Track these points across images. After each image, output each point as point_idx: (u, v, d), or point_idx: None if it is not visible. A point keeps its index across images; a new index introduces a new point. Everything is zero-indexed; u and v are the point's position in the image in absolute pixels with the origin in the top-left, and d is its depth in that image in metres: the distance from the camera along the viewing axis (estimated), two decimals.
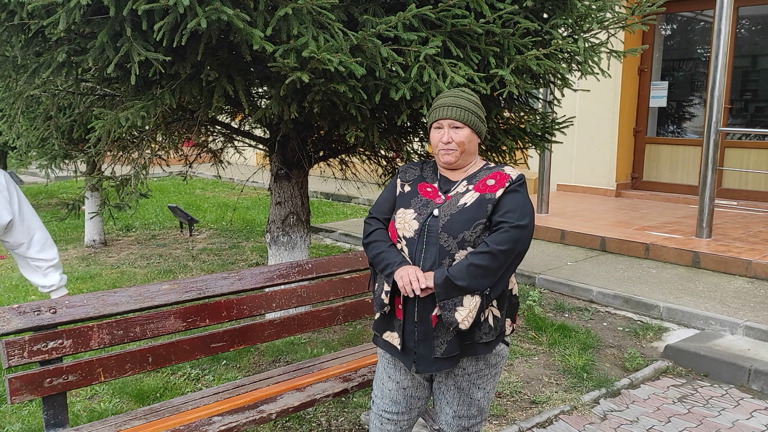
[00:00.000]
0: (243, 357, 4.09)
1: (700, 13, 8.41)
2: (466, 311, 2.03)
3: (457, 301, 2.03)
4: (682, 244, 5.96)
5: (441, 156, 2.20)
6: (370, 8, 3.18)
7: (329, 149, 4.67)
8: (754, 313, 4.55)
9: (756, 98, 7.98)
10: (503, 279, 2.07)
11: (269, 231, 4.43)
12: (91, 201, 6.89)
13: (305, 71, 2.74)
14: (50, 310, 2.31)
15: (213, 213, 9.36)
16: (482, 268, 2.00)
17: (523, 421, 3.30)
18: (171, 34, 2.67)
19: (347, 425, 3.28)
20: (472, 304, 2.03)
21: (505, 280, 2.08)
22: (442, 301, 2.03)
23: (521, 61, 3.19)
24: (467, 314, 2.03)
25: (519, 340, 4.43)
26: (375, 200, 2.27)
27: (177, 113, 4.23)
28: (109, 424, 2.43)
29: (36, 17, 2.81)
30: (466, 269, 2.01)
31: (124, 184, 4.46)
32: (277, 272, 2.90)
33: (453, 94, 2.20)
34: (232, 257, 6.69)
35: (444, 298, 2.03)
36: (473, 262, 2.01)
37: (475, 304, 2.03)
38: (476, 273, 2.00)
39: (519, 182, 2.15)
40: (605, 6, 3.65)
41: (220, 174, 13.19)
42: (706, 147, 6.11)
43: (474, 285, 2.01)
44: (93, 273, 6.02)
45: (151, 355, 2.54)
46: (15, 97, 4.07)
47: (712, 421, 3.37)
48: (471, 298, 2.03)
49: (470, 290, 2.02)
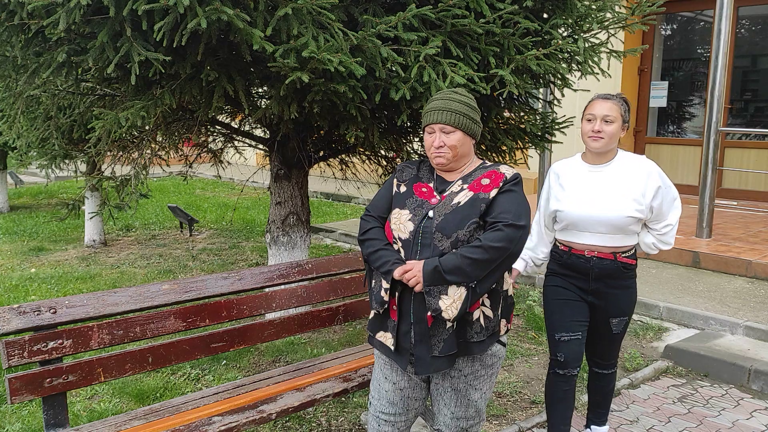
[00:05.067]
0: (243, 357, 4.09)
1: (700, 13, 8.41)
2: (450, 300, 2.03)
3: (443, 289, 2.04)
4: (682, 244, 5.96)
5: (434, 159, 2.20)
6: (370, 8, 3.18)
7: (329, 149, 4.67)
8: (754, 313, 4.55)
9: (756, 98, 7.98)
10: (492, 276, 2.06)
11: (269, 231, 4.43)
12: (91, 201, 6.89)
13: (305, 71, 2.74)
14: (50, 310, 2.31)
15: (213, 213, 9.36)
16: (471, 260, 2.00)
17: (523, 421, 3.30)
18: (171, 34, 2.67)
19: (347, 425, 3.28)
20: (456, 295, 2.03)
21: (494, 278, 2.08)
22: (427, 286, 2.04)
23: (521, 61, 3.19)
24: (451, 303, 2.03)
25: (519, 340, 4.43)
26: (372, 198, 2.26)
27: (177, 113, 4.23)
28: (109, 424, 2.43)
29: (36, 17, 2.81)
30: (455, 258, 2.02)
31: (124, 184, 4.46)
32: (277, 272, 2.90)
33: (444, 97, 2.18)
34: (232, 257, 6.69)
35: (429, 284, 2.03)
36: (463, 254, 2.02)
37: (460, 295, 2.03)
38: (464, 263, 2.00)
39: (514, 181, 2.14)
40: (605, 6, 3.65)
41: (220, 174, 13.19)
42: (706, 147, 6.11)
43: (460, 275, 2.01)
44: (93, 273, 6.02)
45: (151, 355, 2.54)
46: (15, 97, 4.07)
47: (712, 421, 3.37)
48: (456, 289, 2.03)
49: (456, 281, 2.02)
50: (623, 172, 2.65)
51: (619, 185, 2.63)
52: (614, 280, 2.71)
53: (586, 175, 2.71)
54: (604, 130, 2.59)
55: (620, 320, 2.78)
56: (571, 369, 2.75)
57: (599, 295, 2.73)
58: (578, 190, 2.69)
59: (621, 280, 2.72)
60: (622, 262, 2.69)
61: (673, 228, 2.74)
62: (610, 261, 2.68)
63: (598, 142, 2.61)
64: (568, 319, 2.75)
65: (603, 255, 2.68)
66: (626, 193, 2.61)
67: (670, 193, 2.69)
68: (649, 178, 2.63)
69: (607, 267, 2.68)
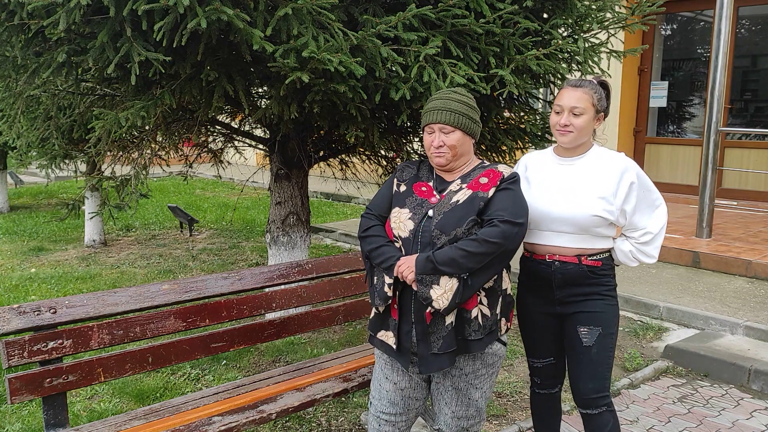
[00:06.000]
0: (243, 357, 4.09)
1: (700, 13, 8.41)
2: (441, 290, 2.04)
3: (434, 279, 2.04)
4: (682, 244, 5.96)
5: (433, 158, 2.21)
6: (370, 8, 3.18)
7: (329, 149, 4.67)
8: (754, 313, 4.55)
9: (756, 98, 7.98)
10: (485, 272, 2.07)
11: (269, 231, 4.43)
12: (91, 201, 6.89)
13: (305, 71, 2.74)
14: (50, 310, 2.31)
15: (213, 213, 9.36)
16: (465, 251, 2.01)
17: (523, 421, 3.30)
18: (171, 34, 2.67)
19: (347, 425, 3.28)
20: (448, 286, 2.03)
21: (488, 274, 2.08)
22: (419, 275, 2.04)
23: (521, 61, 3.20)
24: (442, 294, 2.03)
25: (519, 340, 4.43)
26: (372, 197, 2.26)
27: (177, 113, 4.22)
28: (109, 424, 2.43)
29: (36, 17, 2.81)
30: (449, 249, 2.03)
31: (124, 184, 4.46)
32: (277, 272, 2.90)
33: (443, 97, 2.19)
34: (232, 257, 6.69)
35: (421, 273, 2.04)
36: (458, 246, 2.03)
37: (452, 286, 2.03)
38: (457, 255, 2.01)
39: (511, 180, 2.15)
40: (605, 6, 3.65)
41: (220, 174, 13.19)
42: (706, 147, 6.11)
43: (453, 266, 2.01)
44: (93, 273, 6.02)
45: (151, 355, 2.54)
46: (15, 97, 4.07)
47: (712, 421, 3.37)
48: (448, 280, 2.04)
49: (449, 272, 2.02)
50: (595, 168, 2.35)
51: (587, 181, 2.33)
52: (581, 287, 2.35)
53: (553, 168, 2.42)
54: (573, 123, 2.29)
55: (590, 330, 2.35)
56: (549, 389, 2.59)
57: (566, 305, 2.40)
58: (543, 184, 2.40)
59: (589, 287, 2.35)
60: (588, 266, 2.34)
61: (655, 238, 2.39)
62: (573, 265, 2.34)
63: (566, 136, 2.32)
64: (537, 344, 2.52)
65: (565, 258, 2.35)
66: (594, 190, 2.31)
67: (649, 197, 2.37)
68: (623, 177, 2.31)
69: (571, 272, 2.34)
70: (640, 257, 2.43)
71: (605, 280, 2.38)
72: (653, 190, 2.39)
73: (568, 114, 2.30)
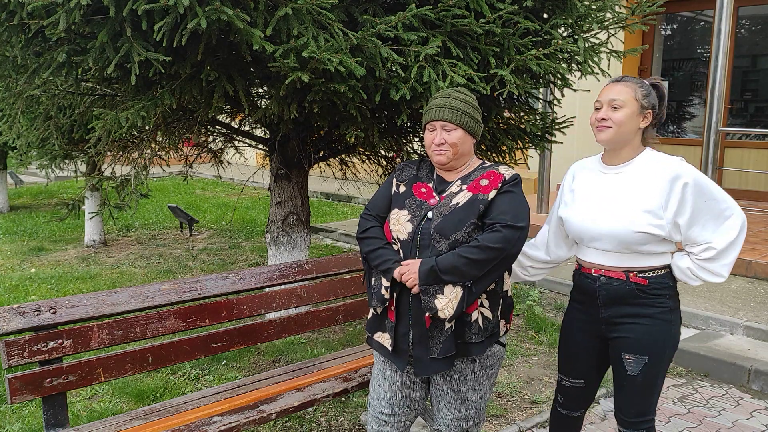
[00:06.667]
0: (243, 357, 4.09)
1: (700, 13, 8.41)
2: (446, 300, 2.03)
3: (438, 289, 2.03)
4: None
5: (434, 156, 2.19)
6: (370, 8, 3.18)
7: (329, 149, 4.67)
8: (754, 313, 4.55)
9: (756, 98, 7.98)
10: (489, 277, 2.05)
11: (269, 231, 4.43)
12: (91, 201, 6.89)
13: (305, 71, 2.74)
14: (50, 310, 2.31)
15: (213, 213, 9.36)
16: (468, 259, 1.99)
17: (523, 421, 3.30)
18: (171, 34, 2.67)
19: (347, 425, 3.28)
20: (452, 294, 2.03)
21: (491, 279, 2.07)
22: (423, 286, 2.03)
23: (521, 61, 3.19)
24: (447, 303, 2.03)
25: (519, 340, 4.43)
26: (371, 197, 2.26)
27: (177, 113, 4.23)
28: (109, 424, 2.43)
29: (36, 17, 2.81)
30: (452, 257, 2.01)
31: (124, 184, 4.46)
32: (277, 272, 2.90)
33: (446, 95, 2.18)
34: (232, 257, 6.69)
35: (424, 284, 2.03)
36: (460, 253, 2.01)
37: (456, 294, 2.03)
38: (461, 263, 1.99)
39: (513, 182, 2.13)
40: (605, 6, 3.65)
41: (220, 174, 13.19)
42: (706, 147, 6.10)
43: (457, 275, 2.00)
44: (93, 273, 6.02)
45: (151, 355, 2.54)
46: (15, 97, 4.07)
47: (712, 421, 3.37)
48: (452, 288, 2.03)
49: (452, 280, 2.01)
50: (642, 176, 2.11)
51: (632, 192, 2.11)
52: (629, 306, 2.15)
53: (598, 178, 2.22)
54: (611, 117, 2.08)
55: (636, 359, 2.16)
56: (572, 411, 2.46)
57: (612, 326, 2.21)
58: (586, 195, 2.22)
59: (638, 308, 2.14)
60: (637, 283, 2.13)
61: (721, 254, 2.09)
62: (620, 282, 2.14)
63: (604, 132, 2.11)
64: (571, 362, 2.37)
65: (611, 274, 2.17)
66: (639, 203, 2.08)
67: (713, 207, 2.08)
68: (674, 185, 2.05)
69: (618, 289, 2.15)
70: (702, 275, 2.15)
71: (659, 300, 2.15)
72: (720, 199, 2.09)
73: (607, 107, 2.11)
